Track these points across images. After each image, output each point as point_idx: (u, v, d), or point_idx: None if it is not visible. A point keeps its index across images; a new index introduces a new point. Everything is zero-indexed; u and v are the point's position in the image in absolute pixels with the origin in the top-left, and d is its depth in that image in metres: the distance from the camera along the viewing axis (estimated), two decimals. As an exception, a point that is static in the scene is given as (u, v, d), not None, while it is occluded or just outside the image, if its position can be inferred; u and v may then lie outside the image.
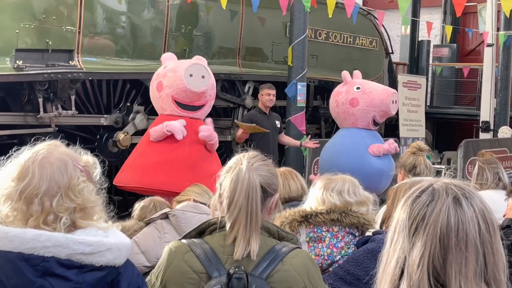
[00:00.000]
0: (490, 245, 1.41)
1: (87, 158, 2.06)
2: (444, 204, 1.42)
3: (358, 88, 6.97)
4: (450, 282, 1.38)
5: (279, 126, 8.48)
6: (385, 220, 3.12)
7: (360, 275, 2.91)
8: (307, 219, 3.14)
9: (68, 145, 2.06)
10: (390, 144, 6.89)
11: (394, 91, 7.18)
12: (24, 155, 1.96)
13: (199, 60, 6.30)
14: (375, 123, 7.06)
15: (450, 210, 1.41)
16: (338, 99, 7.07)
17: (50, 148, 1.98)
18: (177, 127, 5.87)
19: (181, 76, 5.95)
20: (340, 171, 3.33)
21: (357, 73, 7.48)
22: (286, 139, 8.58)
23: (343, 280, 2.95)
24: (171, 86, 5.99)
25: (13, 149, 2.00)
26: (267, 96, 8.38)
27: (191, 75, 5.96)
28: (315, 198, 3.24)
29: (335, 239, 3.19)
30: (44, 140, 2.07)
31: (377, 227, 3.23)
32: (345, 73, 7.20)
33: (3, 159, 1.99)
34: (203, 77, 6.02)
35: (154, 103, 6.32)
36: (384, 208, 3.40)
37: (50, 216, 1.88)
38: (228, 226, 2.26)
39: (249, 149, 2.55)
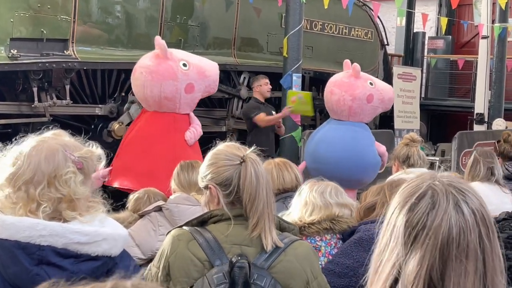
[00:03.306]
0: (490, 250, 1.35)
1: (90, 149, 2.05)
2: (445, 213, 1.34)
3: (371, 83, 6.83)
4: None
5: None
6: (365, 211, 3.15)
7: (349, 264, 2.97)
8: (300, 231, 3.12)
9: (73, 135, 2.06)
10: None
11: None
12: (24, 142, 1.98)
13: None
14: None
15: (451, 220, 1.34)
16: (356, 93, 6.75)
17: (47, 137, 1.99)
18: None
19: (217, 81, 5.86)
20: (348, 167, 3.34)
21: (356, 65, 7.39)
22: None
23: (334, 273, 3.00)
24: (203, 90, 5.80)
25: (18, 136, 2.02)
26: (266, 85, 8.39)
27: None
28: (298, 201, 3.29)
29: (329, 247, 3.24)
30: (49, 128, 2.07)
31: None
32: (356, 66, 6.98)
33: (7, 144, 2.00)
34: None
35: (169, 101, 5.67)
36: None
37: (34, 204, 1.88)
38: (253, 221, 2.27)
39: (219, 141, 2.53)
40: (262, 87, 8.37)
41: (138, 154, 5.65)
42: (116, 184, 5.62)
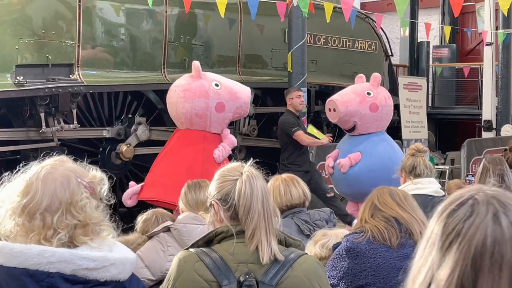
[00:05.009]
0: None
1: (95, 173, 2.05)
2: (482, 222, 1.30)
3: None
4: None
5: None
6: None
7: (335, 274, 3.08)
8: None
9: (75, 160, 2.07)
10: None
11: (328, 100, 7.24)
12: (30, 170, 1.98)
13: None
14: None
15: (487, 230, 1.29)
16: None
17: (55, 164, 1.99)
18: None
19: (247, 104, 6.21)
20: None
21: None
22: None
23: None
24: (233, 111, 6.09)
25: (21, 164, 2.02)
26: (298, 98, 8.02)
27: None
28: (311, 248, 3.38)
29: None
30: (50, 155, 2.08)
31: None
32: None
33: (8, 174, 2.01)
34: None
35: (199, 118, 5.94)
36: None
37: (50, 231, 1.89)
38: (248, 233, 2.28)
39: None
40: (294, 100, 8.01)
41: (166, 168, 5.92)
42: (146, 197, 5.79)
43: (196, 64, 6.10)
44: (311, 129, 7.93)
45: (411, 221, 2.87)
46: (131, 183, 5.93)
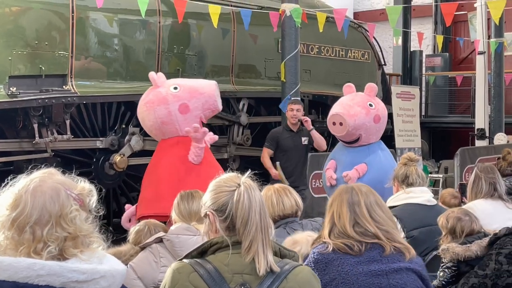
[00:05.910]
0: None
1: (83, 185, 2.05)
2: None
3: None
4: None
5: (306, 143, 8.04)
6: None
7: None
8: None
9: (64, 172, 2.08)
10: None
11: (333, 113, 6.96)
12: (19, 184, 1.98)
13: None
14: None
15: None
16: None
17: (44, 177, 1.99)
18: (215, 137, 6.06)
19: (214, 97, 5.91)
20: None
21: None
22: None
23: None
24: (201, 108, 5.87)
25: (9, 177, 2.01)
26: (291, 111, 7.95)
27: (217, 95, 5.97)
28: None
29: None
30: (40, 167, 2.08)
31: None
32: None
33: None
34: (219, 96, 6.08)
35: (167, 125, 5.80)
36: None
37: (40, 244, 1.89)
38: (245, 245, 2.27)
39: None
40: (287, 113, 8.05)
41: (149, 182, 5.83)
42: (138, 215, 5.68)
43: (151, 74, 5.95)
44: (279, 168, 7.78)
45: (363, 237, 2.84)
46: (127, 205, 5.84)
